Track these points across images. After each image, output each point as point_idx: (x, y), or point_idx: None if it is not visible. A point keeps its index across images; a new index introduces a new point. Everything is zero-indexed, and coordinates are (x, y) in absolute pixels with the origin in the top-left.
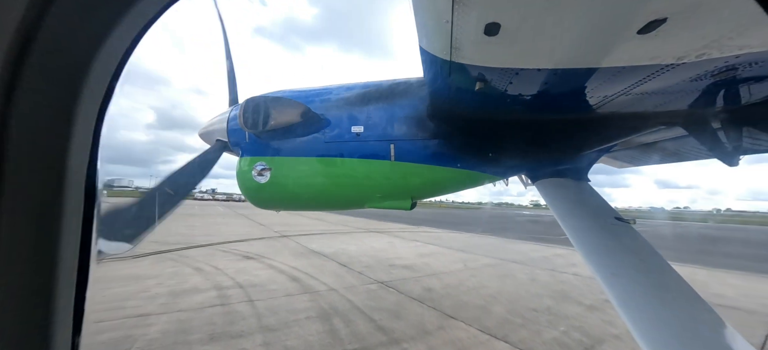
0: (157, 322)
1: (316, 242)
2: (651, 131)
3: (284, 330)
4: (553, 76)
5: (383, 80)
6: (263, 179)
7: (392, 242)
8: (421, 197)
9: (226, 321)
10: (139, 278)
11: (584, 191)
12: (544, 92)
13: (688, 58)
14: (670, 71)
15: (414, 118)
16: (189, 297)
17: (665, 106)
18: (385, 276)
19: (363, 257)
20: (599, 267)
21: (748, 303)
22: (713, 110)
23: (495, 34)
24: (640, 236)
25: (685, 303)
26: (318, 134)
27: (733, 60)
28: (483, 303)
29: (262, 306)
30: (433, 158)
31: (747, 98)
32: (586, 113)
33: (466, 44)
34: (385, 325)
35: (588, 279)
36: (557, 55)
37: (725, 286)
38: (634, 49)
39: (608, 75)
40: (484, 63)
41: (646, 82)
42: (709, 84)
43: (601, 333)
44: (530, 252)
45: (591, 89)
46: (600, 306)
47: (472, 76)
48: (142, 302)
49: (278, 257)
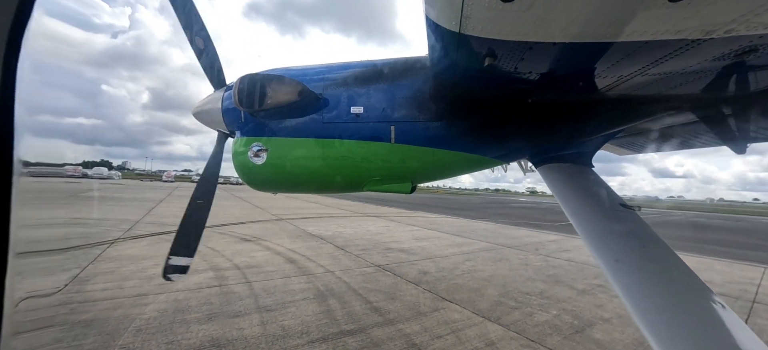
0: (154, 302)
1: (313, 225)
2: (660, 115)
3: (281, 311)
4: (568, 52)
5: (384, 59)
6: (260, 160)
7: (389, 226)
8: (422, 180)
9: (223, 301)
10: (136, 258)
11: (589, 177)
12: (556, 71)
13: (716, 33)
14: (692, 49)
15: (416, 99)
16: (186, 278)
17: (680, 89)
18: (382, 259)
19: (360, 240)
20: (603, 253)
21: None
22: (726, 94)
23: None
24: (645, 224)
25: (690, 292)
26: (316, 114)
27: (756, 40)
28: (477, 286)
29: (259, 287)
30: (435, 140)
31: (760, 84)
32: (597, 95)
33: (478, 11)
34: (381, 306)
35: (580, 265)
36: (577, 25)
37: (713, 272)
38: (662, 19)
39: (627, 51)
40: (495, 35)
41: (666, 60)
42: (727, 65)
43: (591, 316)
44: (524, 238)
45: (607, 67)
46: (591, 290)
47: (482, 52)
48: (140, 282)
49: (275, 239)
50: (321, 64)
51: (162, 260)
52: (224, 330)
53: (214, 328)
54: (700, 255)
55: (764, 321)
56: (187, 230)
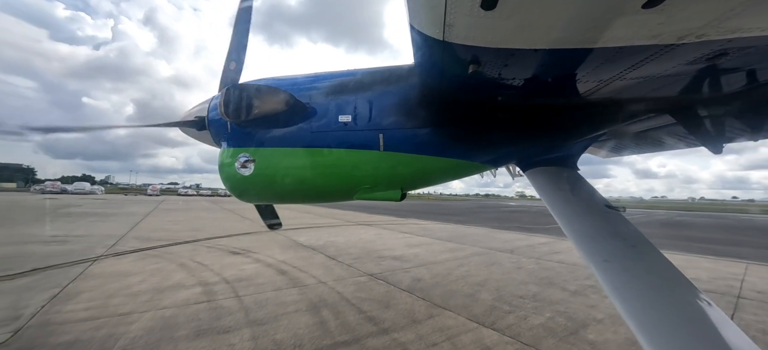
0: (140, 320)
1: (304, 236)
2: (640, 118)
3: (272, 324)
4: (549, 58)
5: (371, 68)
6: (247, 171)
7: (381, 233)
8: (412, 187)
9: (212, 316)
10: (120, 275)
11: (575, 180)
12: (539, 76)
13: (688, 38)
14: (667, 54)
15: (404, 106)
16: (173, 294)
17: (657, 92)
18: (375, 267)
19: (352, 249)
20: (591, 254)
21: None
22: (701, 97)
23: (493, 7)
24: (630, 224)
25: (677, 289)
26: (304, 123)
27: (726, 44)
28: (471, 291)
29: (249, 300)
30: (424, 147)
31: (732, 87)
32: (580, 99)
33: (460, 19)
34: (375, 316)
35: (571, 266)
36: (556, 32)
37: (699, 270)
38: (637, 26)
39: (605, 57)
40: (478, 42)
41: (642, 65)
42: (700, 69)
43: (584, 317)
44: (516, 241)
45: (587, 72)
46: (583, 291)
47: (465, 59)
48: (125, 299)
49: (266, 251)
50: (309, 73)
51: (148, 277)
52: (214, 347)
53: (203, 345)
54: (687, 254)
55: (750, 316)
56: (263, 211)
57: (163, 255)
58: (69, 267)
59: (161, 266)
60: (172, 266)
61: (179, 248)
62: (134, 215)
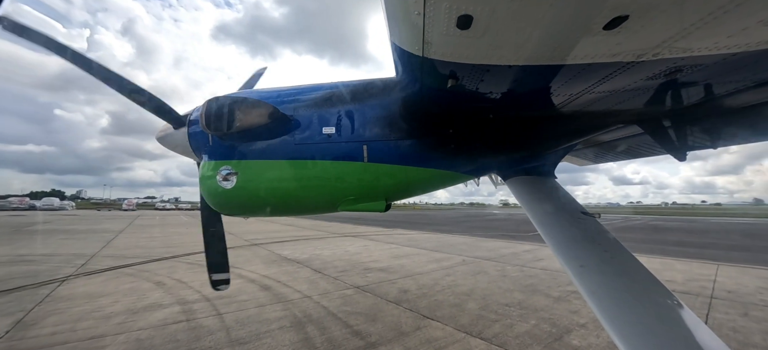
0: (113, 343)
1: (289, 249)
2: (611, 128)
3: (255, 343)
4: (521, 74)
5: (355, 80)
6: (229, 184)
7: (367, 245)
8: (396, 198)
9: (191, 337)
10: (91, 296)
11: (552, 188)
12: (514, 90)
13: (646, 56)
14: (628, 70)
15: (386, 118)
16: (149, 314)
17: (624, 104)
18: (361, 279)
19: (337, 262)
20: (568, 259)
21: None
22: (664, 109)
23: (467, 27)
24: (604, 230)
25: (650, 291)
26: (287, 135)
27: (680, 61)
28: (458, 301)
29: (231, 318)
30: (407, 158)
31: (690, 99)
32: (553, 111)
33: (438, 38)
34: (362, 329)
35: (554, 273)
36: (526, 50)
37: (674, 272)
38: (599, 45)
39: (573, 73)
40: (455, 59)
41: (607, 80)
42: (660, 84)
43: (568, 323)
44: (501, 249)
45: (558, 86)
46: (566, 297)
47: (444, 74)
48: (96, 322)
49: (248, 266)
50: (292, 85)
51: (122, 297)
52: None
53: None
54: (663, 256)
55: (722, 315)
56: (213, 253)
57: (138, 274)
58: (35, 288)
59: (136, 285)
60: (148, 284)
61: (156, 265)
62: (108, 232)
